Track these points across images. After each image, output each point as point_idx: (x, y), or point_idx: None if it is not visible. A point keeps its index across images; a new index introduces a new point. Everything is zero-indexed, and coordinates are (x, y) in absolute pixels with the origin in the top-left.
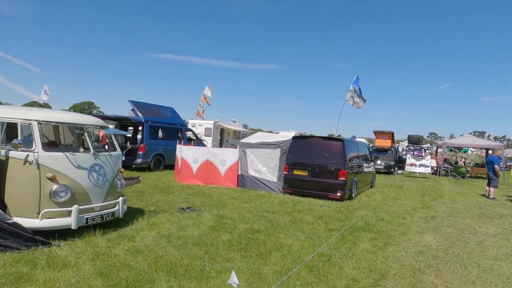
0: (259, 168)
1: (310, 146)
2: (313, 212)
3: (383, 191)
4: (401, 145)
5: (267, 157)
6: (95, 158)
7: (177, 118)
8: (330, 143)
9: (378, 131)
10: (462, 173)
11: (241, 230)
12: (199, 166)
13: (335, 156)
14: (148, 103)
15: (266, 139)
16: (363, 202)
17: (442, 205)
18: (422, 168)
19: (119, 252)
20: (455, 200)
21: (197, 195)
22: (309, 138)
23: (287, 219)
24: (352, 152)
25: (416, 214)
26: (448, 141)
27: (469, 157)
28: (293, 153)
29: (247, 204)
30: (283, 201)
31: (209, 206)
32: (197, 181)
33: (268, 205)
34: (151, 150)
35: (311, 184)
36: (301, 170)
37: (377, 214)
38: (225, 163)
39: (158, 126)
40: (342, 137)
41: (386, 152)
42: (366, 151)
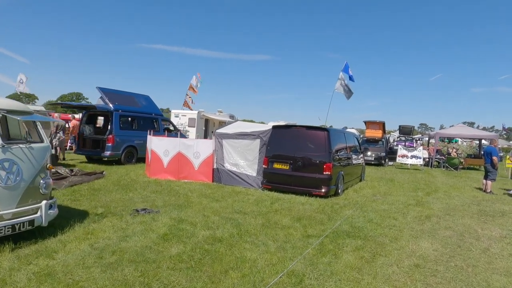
0: (236, 161)
1: (291, 136)
2: (292, 213)
3: (373, 185)
4: (392, 135)
5: (245, 149)
6: (3, 152)
7: (153, 107)
8: (314, 133)
9: (369, 121)
10: (455, 164)
11: (199, 238)
12: (170, 159)
13: (320, 148)
14: (120, 90)
15: (244, 129)
16: (351, 199)
17: (437, 201)
18: (414, 159)
19: (23, 277)
20: (450, 195)
21: (162, 192)
22: (291, 127)
23: (260, 223)
24: (338, 143)
25: (409, 212)
26: (441, 131)
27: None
28: (273, 144)
29: (218, 203)
30: (260, 199)
31: (171, 207)
32: (168, 175)
33: (241, 204)
34: (121, 142)
35: (292, 179)
36: (282, 163)
37: (365, 214)
38: (199, 156)
39: (130, 115)
40: (328, 127)
41: (376, 143)
42: (355, 141)
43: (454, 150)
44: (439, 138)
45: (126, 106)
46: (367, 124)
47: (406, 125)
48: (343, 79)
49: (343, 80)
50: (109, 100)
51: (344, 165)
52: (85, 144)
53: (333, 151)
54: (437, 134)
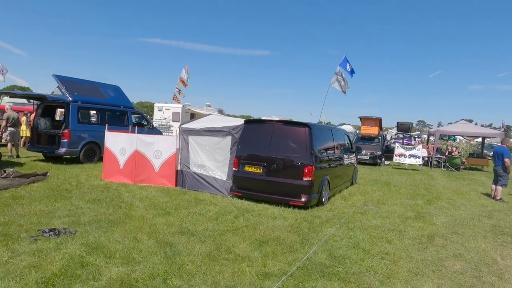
0: (203, 162)
1: (266, 133)
2: (256, 233)
3: (366, 190)
4: (389, 132)
5: (214, 148)
6: None
7: (122, 98)
8: (292, 129)
9: (364, 117)
10: (457, 164)
11: (102, 283)
12: (127, 159)
13: (299, 148)
14: (82, 79)
15: (215, 124)
16: (336, 210)
17: (440, 212)
18: (412, 159)
19: None
20: (455, 203)
21: (102, 202)
22: (265, 122)
23: (205, 251)
24: (323, 142)
25: (407, 230)
26: (442, 128)
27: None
28: (244, 143)
29: (166, 217)
30: (224, 211)
31: (97, 224)
32: (124, 178)
33: (196, 218)
34: (80, 138)
35: (266, 185)
36: (254, 166)
37: (351, 234)
38: (161, 155)
39: (92, 107)
40: (310, 122)
41: (372, 140)
42: (345, 139)
43: (454, 149)
44: (440, 136)
45: (88, 97)
46: (363, 120)
47: (404, 122)
48: (340, 74)
49: (339, 75)
50: (67, 89)
51: (330, 167)
52: (40, 139)
53: (315, 152)
54: (437, 131)
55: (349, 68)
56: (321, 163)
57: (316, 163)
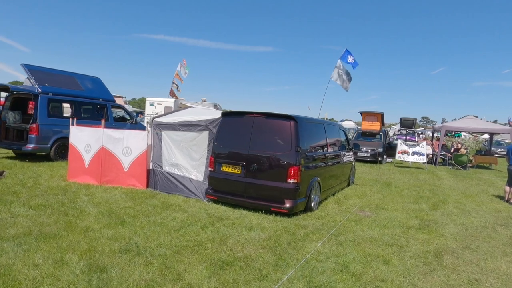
0: (178, 161)
1: (246, 128)
2: (223, 249)
3: (364, 191)
4: (392, 129)
5: (190, 145)
6: None
7: (102, 91)
8: (276, 123)
9: (365, 112)
10: (463, 162)
11: None
12: (92, 157)
13: (284, 144)
14: (56, 69)
15: (191, 117)
16: (326, 218)
17: (448, 219)
18: (416, 156)
19: None
20: (465, 207)
21: (47, 208)
22: (245, 115)
23: (146, 278)
24: (313, 137)
25: (410, 245)
26: (448, 123)
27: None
28: (221, 138)
29: (117, 229)
30: (192, 219)
31: (24, 238)
32: (90, 179)
33: (154, 229)
34: (50, 133)
35: (245, 188)
36: (232, 165)
37: (340, 251)
38: (130, 153)
39: (65, 99)
40: (297, 115)
41: (374, 137)
42: (340, 135)
43: (460, 146)
44: (446, 132)
45: (61, 89)
46: (364, 115)
47: (407, 118)
48: (340, 67)
49: (340, 69)
50: (36, 80)
51: (321, 167)
52: (8, 135)
53: (303, 149)
54: (443, 127)
55: (351, 59)
56: (310, 162)
57: (303, 163)
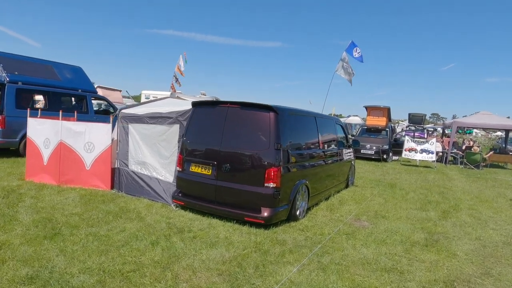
0: (145, 159)
1: (218, 120)
2: (164, 278)
3: (363, 195)
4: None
5: (159, 140)
6: None
7: (81, 81)
8: (252, 115)
9: (371, 106)
10: (476, 161)
11: None
12: (51, 153)
13: (261, 140)
14: (30, 57)
15: (161, 108)
16: (313, 230)
17: (461, 231)
18: (424, 154)
19: None
20: (480, 216)
21: None
22: (218, 105)
23: None
24: (300, 133)
25: (412, 270)
26: (460, 119)
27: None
28: (191, 133)
29: (40, 245)
30: (146, 231)
31: None
32: (48, 178)
33: (89, 246)
34: (19, 126)
35: (216, 192)
36: (202, 165)
37: (319, 282)
38: (93, 149)
39: (38, 90)
40: (279, 106)
41: (379, 133)
42: (337, 130)
43: (474, 143)
44: (457, 128)
45: (34, 78)
46: (369, 109)
47: (416, 113)
48: (345, 60)
49: (345, 62)
50: (4, 68)
51: (310, 167)
52: None
53: (285, 146)
54: (454, 123)
55: (356, 54)
56: (295, 162)
57: (285, 163)
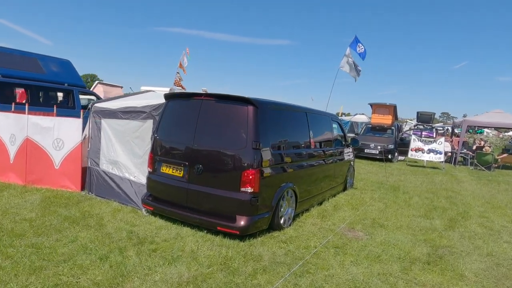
0: (117, 158)
1: (192, 115)
2: None
3: (362, 199)
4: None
5: (132, 137)
6: None
7: (68, 75)
8: (229, 109)
9: (376, 104)
10: (488, 162)
11: None
12: (17, 150)
13: (237, 138)
14: (11, 49)
15: (136, 102)
16: (297, 242)
17: (470, 245)
18: (432, 155)
19: None
20: (492, 225)
21: None
22: (191, 97)
23: None
24: (286, 130)
25: None
26: (470, 118)
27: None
28: (163, 129)
29: None
30: (100, 243)
31: None
32: (14, 177)
33: (22, 260)
34: None
35: (188, 196)
36: (173, 165)
37: None
38: (62, 146)
39: (18, 83)
40: (259, 98)
41: (384, 131)
42: (332, 128)
43: (485, 143)
44: (467, 128)
45: (14, 70)
46: (374, 107)
47: (425, 112)
48: (350, 56)
49: (349, 57)
50: None
51: (299, 169)
52: None
53: (266, 145)
54: (464, 121)
55: (359, 50)
56: (279, 163)
57: (266, 164)
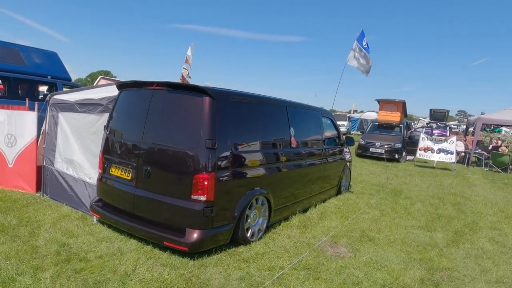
0: (73, 156)
1: (142, 107)
2: None
3: (355, 205)
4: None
5: (88, 133)
6: None
7: (53, 67)
8: (182, 100)
9: (383, 100)
10: (504, 163)
11: None
12: None
13: (190, 136)
14: None
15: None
16: (261, 261)
17: (477, 267)
18: (442, 155)
19: None
20: (506, 240)
21: None
22: (143, 87)
23: None
24: (256, 126)
25: None
26: (485, 116)
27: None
28: (114, 124)
29: None
30: (20, 258)
31: None
32: None
33: None
34: None
35: (135, 203)
36: (122, 166)
37: None
38: (15, 142)
39: None
40: (219, 88)
41: (392, 129)
42: (323, 125)
43: (502, 143)
44: (483, 126)
45: None
46: (381, 103)
47: (438, 109)
48: (357, 49)
49: (356, 51)
50: None
51: (275, 172)
52: None
53: (224, 144)
54: (479, 119)
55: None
56: (244, 166)
57: (226, 167)
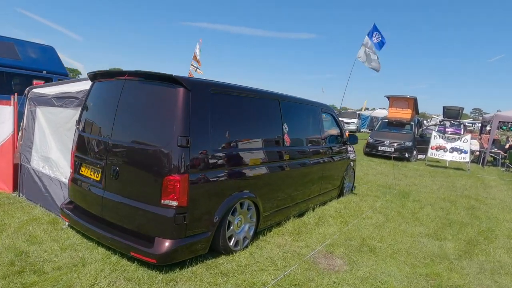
0: (50, 153)
1: (113, 99)
2: None
3: (358, 208)
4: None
5: (65, 128)
6: None
7: (49, 62)
8: (155, 92)
9: (393, 96)
10: None
11: None
12: None
13: (162, 132)
14: None
15: (72, 86)
16: (243, 276)
17: (493, 285)
18: (455, 154)
19: None
20: None
21: None
22: (114, 77)
23: None
24: (242, 121)
25: None
26: (503, 113)
27: None
28: (85, 119)
29: None
30: None
31: None
32: None
33: None
34: None
35: (103, 207)
36: (91, 166)
37: None
38: None
39: None
40: (196, 79)
41: (402, 127)
42: (322, 121)
43: None
44: (499, 124)
45: None
46: (391, 100)
47: (452, 107)
48: (368, 45)
49: (367, 47)
50: None
51: (264, 173)
52: None
53: (201, 142)
54: (496, 116)
55: (375, 39)
56: (226, 166)
57: (202, 168)
